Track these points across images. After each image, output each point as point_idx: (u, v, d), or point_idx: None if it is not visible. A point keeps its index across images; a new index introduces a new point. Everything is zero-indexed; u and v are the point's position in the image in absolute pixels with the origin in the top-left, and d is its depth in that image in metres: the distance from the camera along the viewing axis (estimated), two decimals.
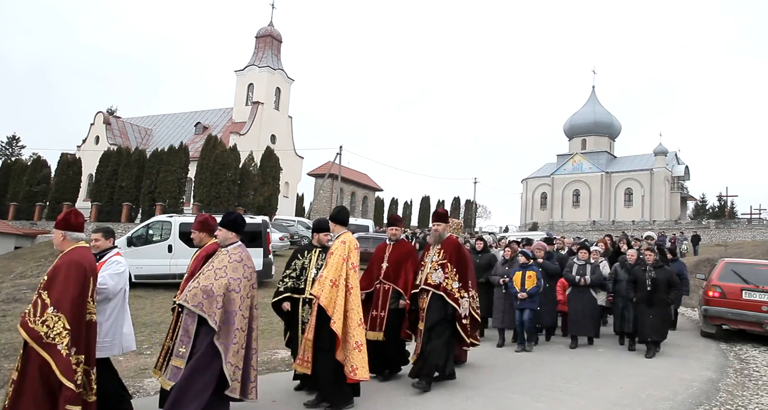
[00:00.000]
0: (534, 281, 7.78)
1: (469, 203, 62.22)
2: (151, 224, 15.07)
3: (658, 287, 7.68)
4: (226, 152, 31.80)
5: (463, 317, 5.68)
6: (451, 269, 5.65)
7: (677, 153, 64.34)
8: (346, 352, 4.76)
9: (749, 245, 34.47)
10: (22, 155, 57.55)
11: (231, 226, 4.36)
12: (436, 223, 5.95)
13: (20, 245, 29.03)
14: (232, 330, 4.01)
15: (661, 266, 7.84)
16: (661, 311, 7.70)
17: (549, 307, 8.45)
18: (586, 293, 8.28)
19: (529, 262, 7.99)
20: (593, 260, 8.52)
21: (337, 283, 4.76)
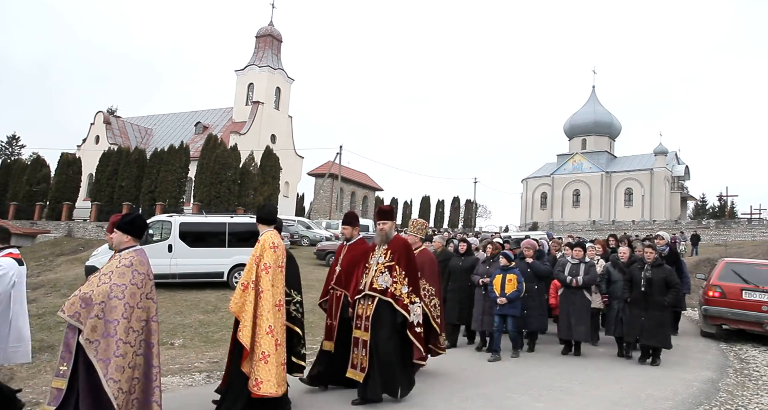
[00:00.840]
0: (514, 285, 7.20)
1: (469, 203, 62.21)
2: (151, 224, 15.05)
3: (654, 288, 7.06)
4: (227, 152, 31.78)
5: (416, 324, 5.10)
6: (400, 273, 5.05)
7: (677, 153, 64.33)
8: (252, 363, 4.27)
9: (749, 245, 34.46)
10: (22, 154, 57.59)
11: (126, 228, 3.92)
12: (381, 221, 5.35)
13: (20, 245, 28.91)
14: (112, 342, 3.49)
15: (660, 264, 7.22)
16: (656, 314, 7.02)
17: (537, 310, 7.89)
18: (578, 295, 7.66)
19: (510, 264, 7.38)
20: (588, 259, 7.92)
21: (247, 287, 4.33)
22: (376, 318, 4.97)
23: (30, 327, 11.26)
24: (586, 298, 7.71)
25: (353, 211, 6.36)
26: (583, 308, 7.64)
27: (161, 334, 10.15)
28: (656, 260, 7.24)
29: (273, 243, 4.52)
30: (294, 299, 5.08)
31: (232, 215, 16.68)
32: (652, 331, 7.00)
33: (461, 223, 60.57)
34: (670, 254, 8.97)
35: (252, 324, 4.26)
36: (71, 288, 14.40)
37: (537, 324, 7.94)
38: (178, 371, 6.93)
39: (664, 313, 7.12)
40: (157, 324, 3.86)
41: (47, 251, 25.11)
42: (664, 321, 7.13)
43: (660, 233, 9.50)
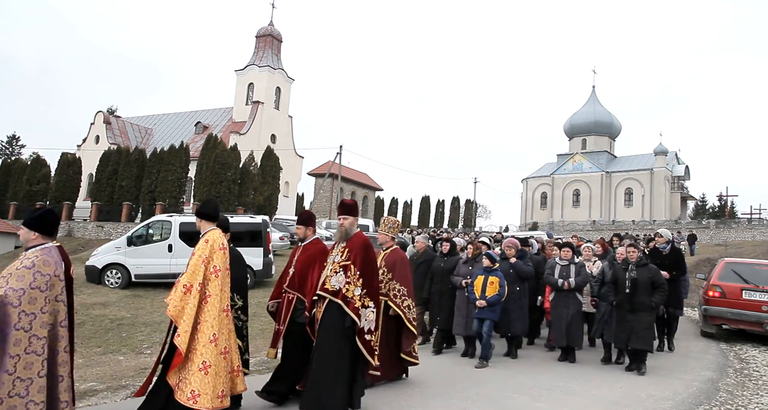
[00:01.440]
0: (496, 288, 6.82)
1: (469, 203, 62.22)
2: (151, 224, 15.07)
3: (639, 289, 6.73)
4: (227, 152, 31.78)
5: (366, 331, 4.55)
6: (354, 273, 4.56)
7: (677, 153, 64.39)
8: (184, 374, 3.88)
9: (749, 245, 34.48)
10: (22, 154, 57.55)
11: (32, 224, 3.55)
12: (342, 216, 4.86)
13: (20, 245, 29.02)
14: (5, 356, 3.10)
15: (645, 264, 6.90)
16: (642, 316, 6.69)
17: (519, 313, 7.40)
18: (571, 298, 7.26)
19: (494, 266, 7.01)
20: (578, 260, 7.54)
21: (191, 289, 3.97)
22: (323, 321, 4.51)
23: None
24: (579, 301, 7.35)
25: (308, 210, 5.94)
26: (576, 312, 7.29)
27: (161, 334, 10.17)
28: (641, 260, 6.94)
29: (223, 244, 4.22)
30: (236, 304, 4.73)
31: (232, 215, 16.67)
32: (639, 334, 6.66)
33: (461, 223, 60.57)
34: (672, 253, 8.37)
35: (193, 330, 3.88)
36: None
37: (520, 327, 7.46)
38: None
39: (649, 315, 6.81)
40: (65, 329, 3.44)
41: None
42: (650, 324, 6.83)
43: (660, 230, 8.70)
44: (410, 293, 5.77)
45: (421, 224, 57.36)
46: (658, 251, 8.38)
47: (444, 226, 57.20)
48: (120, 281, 14.30)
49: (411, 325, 5.56)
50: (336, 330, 4.47)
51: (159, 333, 10.40)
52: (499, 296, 6.85)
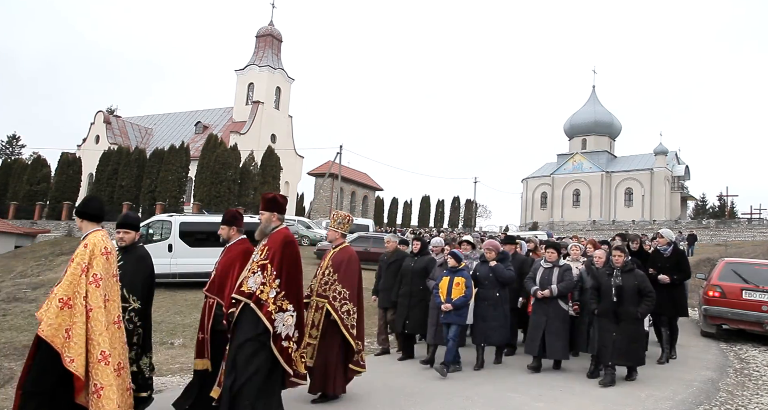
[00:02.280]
0: (462, 289, 6.28)
1: (469, 203, 62.25)
2: (152, 224, 15.08)
3: (625, 297, 6.05)
4: (227, 152, 31.81)
5: (284, 337, 4.04)
6: (271, 273, 4.12)
7: (677, 153, 64.41)
8: (87, 397, 3.52)
9: (749, 244, 34.47)
10: (23, 154, 57.63)
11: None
12: (261, 211, 4.43)
13: (20, 245, 29.05)
14: None
15: (631, 269, 6.21)
16: (628, 327, 6.03)
17: (499, 321, 6.71)
18: (552, 306, 6.59)
19: (459, 265, 6.51)
20: (563, 262, 6.87)
21: (71, 303, 3.43)
22: (236, 327, 4.07)
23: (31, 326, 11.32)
24: (562, 308, 6.65)
25: (233, 209, 5.51)
26: (558, 320, 6.56)
27: (161, 334, 10.18)
28: (626, 265, 6.24)
29: (105, 249, 3.68)
30: (130, 306, 4.22)
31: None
32: (624, 349, 5.98)
33: (461, 223, 60.60)
34: (674, 255, 7.54)
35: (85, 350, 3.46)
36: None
37: (498, 337, 6.75)
38: (178, 370, 6.94)
39: (636, 327, 6.14)
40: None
41: (47, 251, 25.14)
42: (638, 336, 6.16)
43: (662, 230, 7.93)
44: (353, 296, 5.12)
45: (421, 224, 57.40)
46: (659, 253, 7.63)
47: (444, 226, 57.23)
48: None
49: (348, 332, 4.98)
50: (246, 337, 4.01)
51: (159, 332, 10.39)
52: (466, 299, 6.32)
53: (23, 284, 15.87)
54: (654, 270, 7.33)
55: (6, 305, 12.78)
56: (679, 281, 7.50)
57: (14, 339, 9.82)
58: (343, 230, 5.38)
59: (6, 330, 10.52)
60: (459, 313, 6.34)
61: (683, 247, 24.29)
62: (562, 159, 68.06)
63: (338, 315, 4.98)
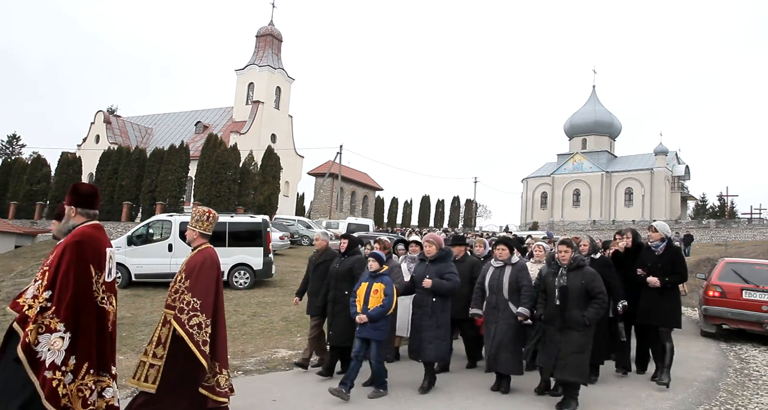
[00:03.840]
0: (380, 297, 5.29)
1: (470, 203, 62.28)
2: (152, 223, 15.07)
3: (570, 300, 5.14)
4: (227, 151, 31.79)
5: (49, 366, 3.10)
6: (43, 282, 3.30)
7: (677, 153, 64.43)
8: None
9: (749, 244, 34.48)
10: (23, 153, 57.62)
11: None
12: (63, 205, 3.69)
13: (20, 244, 29.04)
14: None
15: (579, 267, 5.27)
16: (573, 336, 5.10)
17: (435, 332, 5.58)
18: (501, 309, 5.57)
19: (381, 269, 5.51)
20: (516, 260, 5.83)
21: None
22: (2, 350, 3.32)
23: None
24: (513, 314, 5.53)
25: (61, 205, 4.22)
26: (508, 327, 5.51)
27: None
28: (573, 262, 5.30)
29: None
30: None
31: (233, 214, 16.68)
32: (564, 360, 5.09)
33: (461, 223, 60.61)
34: (667, 253, 6.24)
35: None
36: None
37: (433, 352, 5.58)
38: None
39: (583, 335, 5.13)
40: None
41: (47, 251, 25.07)
42: (583, 346, 5.13)
43: (656, 223, 6.56)
44: (206, 307, 4.24)
45: (421, 223, 57.42)
46: (650, 250, 6.33)
47: (444, 225, 57.23)
48: (120, 280, 14.30)
49: (198, 350, 4.06)
50: (11, 360, 3.20)
51: None
52: (383, 309, 5.28)
53: (23, 284, 15.86)
54: (643, 271, 6.18)
55: (6, 305, 12.77)
56: (672, 284, 6.13)
57: None
58: (202, 229, 4.48)
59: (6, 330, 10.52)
60: (376, 326, 5.26)
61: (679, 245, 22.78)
62: (562, 159, 68.07)
63: (185, 329, 4.10)
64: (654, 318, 6.13)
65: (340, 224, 30.27)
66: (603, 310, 5.27)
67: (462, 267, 6.41)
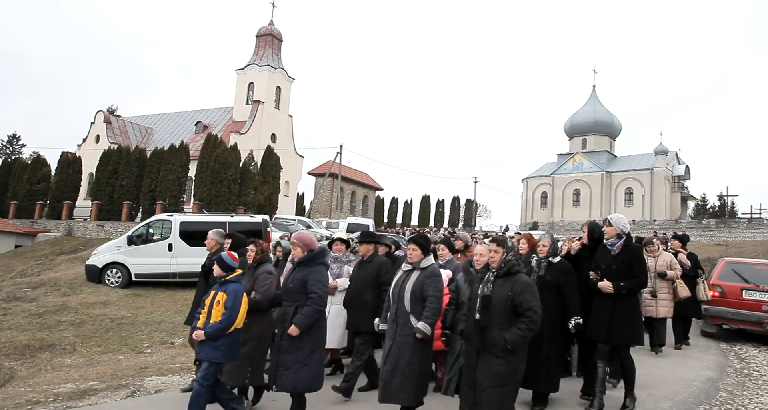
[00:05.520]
0: (221, 311, 4.38)
1: (470, 203, 62.28)
2: (152, 223, 15.09)
3: (493, 315, 4.04)
4: (227, 151, 31.78)
5: None
6: None
7: (678, 153, 64.47)
8: None
9: (750, 244, 34.46)
10: (23, 153, 57.58)
11: None
12: None
13: (20, 244, 29.04)
14: None
15: (511, 273, 4.11)
16: (490, 362, 4.00)
17: (296, 356, 4.60)
18: (404, 326, 4.43)
19: (227, 275, 4.53)
20: (427, 265, 4.56)
21: None
22: None
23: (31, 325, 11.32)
24: (413, 331, 4.38)
25: None
26: (406, 346, 4.39)
27: (162, 333, 10.18)
28: (504, 266, 4.14)
29: None
30: None
31: (233, 214, 16.70)
32: (481, 395, 3.99)
33: (461, 222, 60.61)
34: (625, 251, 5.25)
35: None
36: (71, 287, 14.41)
37: (290, 381, 4.55)
38: (178, 370, 6.94)
39: (505, 364, 3.99)
40: None
41: (47, 250, 25.13)
42: (503, 378, 3.98)
43: (611, 216, 5.41)
44: None
45: (421, 223, 57.42)
46: (606, 250, 5.33)
47: (444, 225, 57.24)
48: (120, 280, 14.31)
49: None
50: None
51: (159, 332, 10.41)
52: (221, 325, 4.34)
53: (23, 284, 15.87)
54: (595, 275, 5.25)
55: (6, 305, 12.77)
56: (628, 290, 5.13)
57: (14, 338, 9.82)
58: None
59: (6, 330, 10.52)
60: (215, 345, 4.36)
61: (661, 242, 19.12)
62: (563, 159, 68.09)
63: None
64: (605, 332, 5.07)
65: (340, 223, 30.26)
66: (531, 332, 3.98)
67: (366, 270, 5.53)
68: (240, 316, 4.45)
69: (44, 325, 10.89)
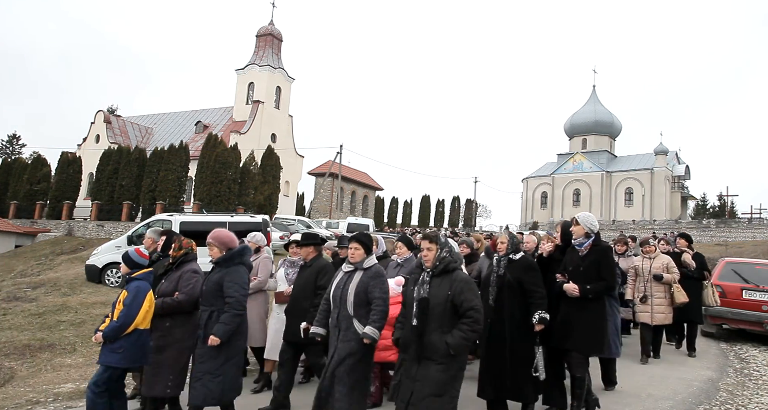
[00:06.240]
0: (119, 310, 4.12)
1: (470, 203, 62.23)
2: (152, 223, 15.08)
3: (431, 319, 3.65)
4: (227, 151, 31.79)
5: None
6: None
7: (678, 152, 64.49)
8: None
9: (750, 244, 34.47)
10: (23, 153, 57.59)
11: None
12: None
13: (20, 244, 29.04)
14: None
15: (447, 270, 3.74)
16: (429, 371, 3.61)
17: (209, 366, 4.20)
18: (347, 331, 4.06)
19: (133, 272, 4.31)
20: (369, 265, 4.19)
21: None
22: None
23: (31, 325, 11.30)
24: (357, 337, 4.02)
25: None
26: (347, 353, 4.00)
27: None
28: (440, 264, 3.76)
29: None
30: None
31: (233, 214, 16.69)
32: (418, 405, 3.59)
33: (461, 222, 60.59)
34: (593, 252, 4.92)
35: None
36: (71, 287, 14.40)
37: (200, 394, 4.13)
38: None
39: (445, 370, 3.59)
40: None
41: (47, 250, 25.12)
42: (443, 386, 3.58)
43: (579, 215, 5.06)
44: None
45: (421, 223, 57.39)
46: (575, 251, 4.98)
47: (444, 225, 57.23)
48: (120, 280, 14.30)
49: None
50: None
51: None
52: (117, 325, 4.04)
53: (23, 284, 15.86)
54: (562, 277, 4.91)
55: (6, 305, 12.76)
56: (595, 293, 4.76)
57: (14, 338, 9.81)
58: None
59: (6, 330, 10.51)
60: (112, 347, 4.02)
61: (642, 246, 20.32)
62: (563, 159, 68.10)
63: None
64: (568, 338, 4.73)
65: (340, 223, 30.25)
66: (474, 333, 3.63)
67: (305, 274, 5.13)
68: (141, 315, 4.09)
69: (44, 325, 10.88)
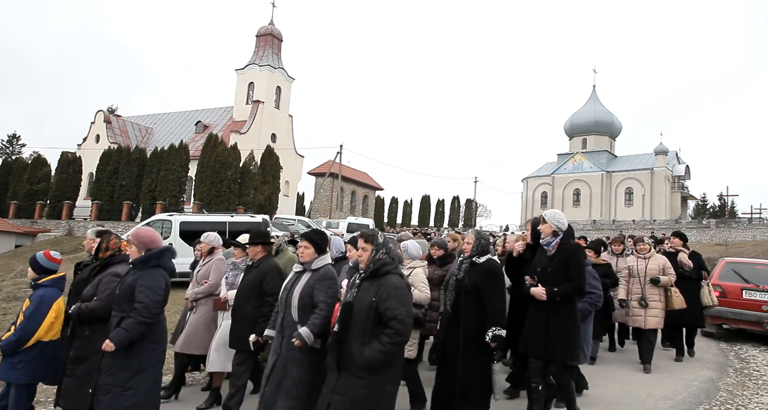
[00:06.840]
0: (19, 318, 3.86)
1: (470, 202, 62.23)
2: (152, 223, 15.07)
3: (352, 327, 3.32)
4: (227, 151, 31.80)
5: None
6: None
7: (678, 152, 64.49)
8: None
9: (750, 244, 34.46)
10: (23, 153, 57.61)
11: None
12: None
13: (21, 244, 29.06)
14: None
15: (377, 274, 3.40)
16: (349, 386, 3.25)
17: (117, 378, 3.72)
18: (291, 337, 3.71)
19: (40, 278, 4.06)
20: (319, 265, 3.89)
21: None
22: None
23: None
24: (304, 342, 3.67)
25: None
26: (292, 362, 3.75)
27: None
28: (371, 266, 3.44)
29: None
30: None
31: (233, 214, 16.68)
32: None
33: (461, 222, 60.60)
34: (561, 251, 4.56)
35: None
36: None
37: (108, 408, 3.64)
38: None
39: (365, 386, 3.22)
40: None
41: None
42: (366, 402, 3.21)
43: (546, 213, 4.68)
44: None
45: (421, 223, 57.39)
46: (543, 251, 4.66)
47: (444, 225, 57.24)
48: None
49: None
50: None
51: None
52: (15, 338, 3.82)
53: (23, 284, 15.86)
54: (531, 279, 4.57)
55: (6, 305, 12.77)
56: (563, 296, 4.40)
57: None
58: None
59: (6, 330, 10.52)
60: (10, 362, 3.81)
61: None
62: (563, 159, 68.10)
63: None
64: (541, 346, 4.42)
65: (340, 223, 30.23)
66: (395, 346, 3.24)
67: (250, 276, 4.72)
68: (45, 327, 3.78)
69: None
